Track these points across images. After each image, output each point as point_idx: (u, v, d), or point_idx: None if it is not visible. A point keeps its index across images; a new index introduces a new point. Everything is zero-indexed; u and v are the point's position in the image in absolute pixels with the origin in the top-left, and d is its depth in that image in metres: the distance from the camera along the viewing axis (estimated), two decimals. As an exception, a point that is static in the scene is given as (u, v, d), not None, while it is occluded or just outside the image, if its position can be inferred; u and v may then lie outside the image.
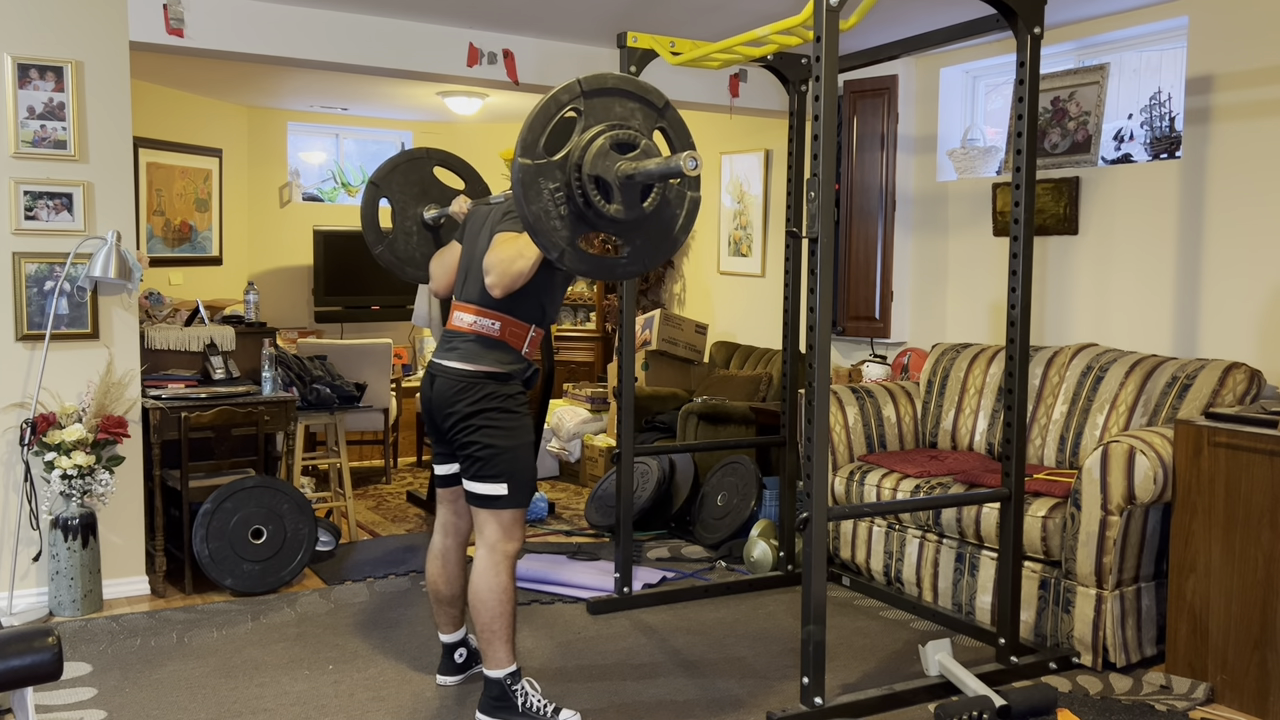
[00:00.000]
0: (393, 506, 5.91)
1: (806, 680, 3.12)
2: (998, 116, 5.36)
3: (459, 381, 3.08)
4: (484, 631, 3.08)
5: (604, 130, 2.56)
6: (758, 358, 6.31)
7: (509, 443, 3.08)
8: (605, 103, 2.60)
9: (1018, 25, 3.36)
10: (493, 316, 3.10)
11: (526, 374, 3.16)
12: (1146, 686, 3.41)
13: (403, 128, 8.29)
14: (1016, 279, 3.41)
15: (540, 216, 2.53)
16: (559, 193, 2.55)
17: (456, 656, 3.44)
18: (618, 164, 2.52)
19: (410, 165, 3.81)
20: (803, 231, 2.97)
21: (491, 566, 3.08)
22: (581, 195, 2.55)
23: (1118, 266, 4.56)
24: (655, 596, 4.24)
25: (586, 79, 2.56)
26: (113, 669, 3.52)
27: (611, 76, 2.62)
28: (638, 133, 2.60)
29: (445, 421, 3.12)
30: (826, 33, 2.91)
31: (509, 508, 3.10)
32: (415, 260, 3.79)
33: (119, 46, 4.13)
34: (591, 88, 2.57)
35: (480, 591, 3.08)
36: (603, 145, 2.53)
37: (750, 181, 6.76)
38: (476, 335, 3.11)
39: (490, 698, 3.11)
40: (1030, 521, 3.66)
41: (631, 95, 2.65)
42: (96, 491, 4.04)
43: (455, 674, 3.44)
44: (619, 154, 2.54)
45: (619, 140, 2.55)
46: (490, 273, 2.99)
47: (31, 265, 4.02)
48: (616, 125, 2.58)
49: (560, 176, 2.55)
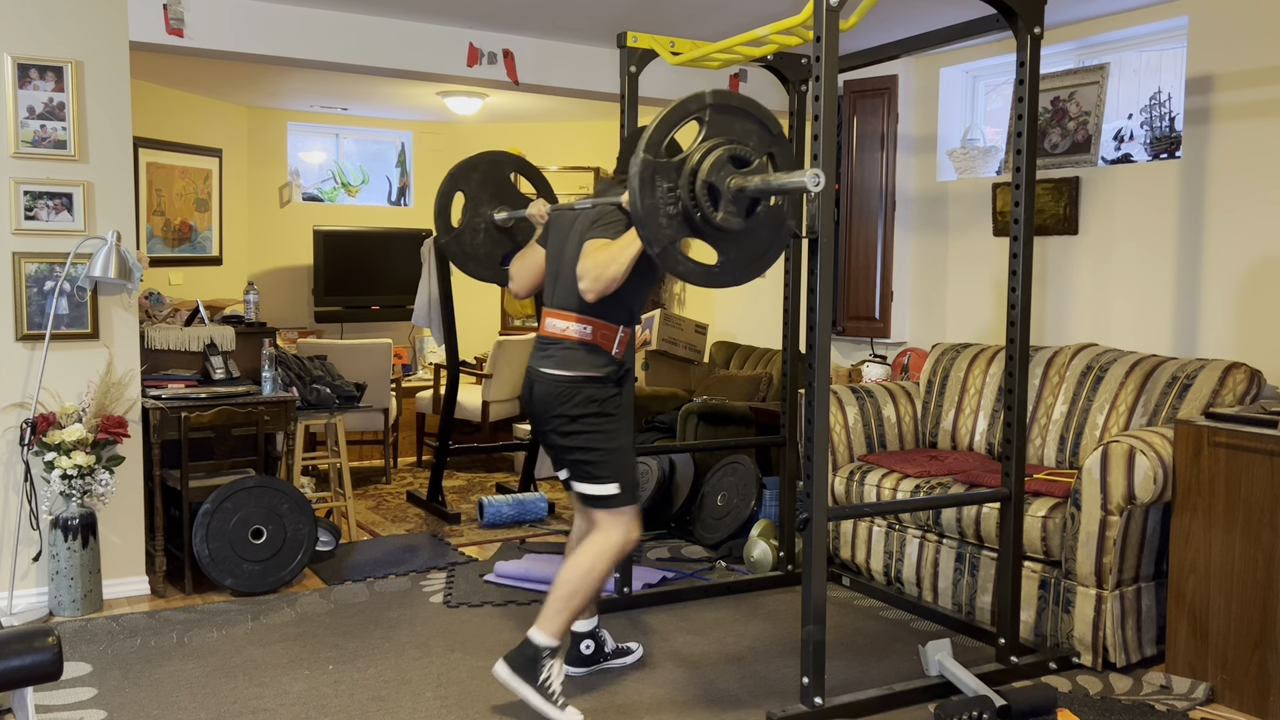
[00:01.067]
0: (393, 506, 5.91)
1: (806, 680, 3.12)
2: (998, 116, 5.37)
3: (557, 386, 3.21)
4: (557, 599, 3.18)
5: (723, 143, 2.71)
6: (758, 358, 6.31)
7: (611, 445, 3.22)
8: (727, 119, 2.77)
9: (1018, 25, 3.36)
10: (584, 321, 3.22)
11: (619, 374, 3.28)
12: (1146, 686, 3.41)
13: (403, 128, 8.29)
14: (1016, 279, 3.41)
15: (651, 211, 2.67)
16: (671, 192, 2.70)
17: (583, 648, 3.49)
18: (732, 177, 2.68)
19: (490, 166, 3.94)
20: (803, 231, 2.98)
21: (596, 549, 3.22)
22: (692, 199, 2.69)
23: (1118, 266, 4.56)
24: (655, 596, 4.24)
25: (714, 93, 2.73)
26: (113, 669, 3.52)
27: (737, 96, 2.77)
28: (753, 151, 2.75)
29: (546, 426, 3.26)
30: (826, 33, 2.91)
31: (622, 505, 3.25)
32: (479, 257, 3.93)
33: (119, 46, 4.13)
34: (718, 102, 2.75)
35: (577, 564, 3.20)
36: (720, 156, 2.68)
37: (750, 181, 6.75)
38: (570, 340, 3.23)
39: (523, 655, 3.15)
40: (1030, 521, 3.67)
41: (752, 117, 2.82)
42: (96, 491, 4.04)
43: (581, 665, 3.50)
44: (734, 167, 2.71)
45: (736, 155, 2.71)
46: (584, 278, 3.09)
47: (31, 265, 4.02)
48: (735, 141, 2.73)
49: (675, 178, 2.70)
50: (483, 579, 4.53)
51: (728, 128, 2.76)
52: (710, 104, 2.73)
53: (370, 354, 6.31)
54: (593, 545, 3.23)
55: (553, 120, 8.08)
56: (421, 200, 8.42)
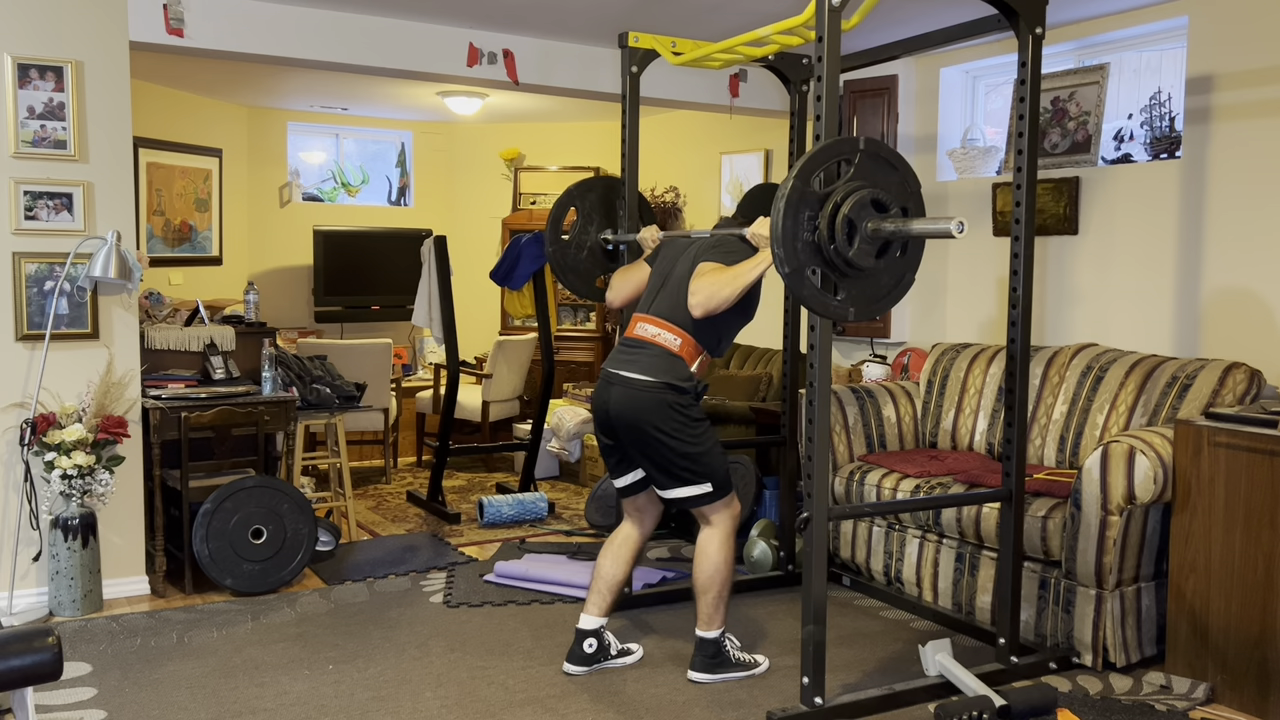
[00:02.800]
0: (393, 506, 5.91)
1: (806, 680, 3.12)
2: (998, 116, 5.37)
3: (642, 393, 3.29)
4: (704, 595, 3.38)
5: (867, 187, 2.85)
6: (758, 358, 6.31)
7: (700, 448, 3.34)
8: (874, 165, 2.90)
9: (1019, 25, 3.36)
10: (676, 333, 3.36)
11: (698, 389, 3.39)
12: (1146, 686, 3.41)
13: (403, 128, 8.29)
14: (1017, 279, 3.41)
15: (790, 233, 2.79)
16: (811, 221, 2.83)
17: (586, 646, 3.50)
18: (870, 219, 2.83)
19: (606, 190, 4.21)
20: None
21: (722, 539, 3.39)
22: (830, 232, 2.81)
23: (1118, 266, 4.56)
24: (655, 596, 4.24)
25: (868, 140, 2.90)
26: (113, 669, 3.52)
27: (886, 148, 2.94)
28: (892, 200, 2.90)
29: (629, 433, 3.32)
30: (828, 33, 2.91)
31: (718, 499, 3.38)
32: (579, 272, 4.18)
33: (119, 46, 4.13)
34: (869, 149, 2.90)
35: (704, 563, 3.38)
36: (864, 198, 2.82)
37: (750, 181, 6.76)
38: (659, 348, 3.34)
39: (705, 656, 3.41)
40: (1030, 521, 3.67)
41: (896, 170, 2.95)
42: (96, 491, 4.04)
43: (582, 665, 3.51)
44: (873, 210, 2.85)
45: (877, 199, 2.85)
46: (698, 294, 3.28)
47: (31, 265, 4.02)
48: (879, 187, 2.88)
49: (817, 209, 2.83)
50: (483, 579, 4.53)
51: (872, 174, 2.89)
52: (862, 149, 2.88)
53: (370, 354, 6.31)
54: (710, 542, 3.38)
55: (553, 120, 8.08)
56: (421, 200, 8.43)
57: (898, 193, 2.93)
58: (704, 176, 7.22)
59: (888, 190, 2.90)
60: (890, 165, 2.94)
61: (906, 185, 2.97)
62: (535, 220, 7.91)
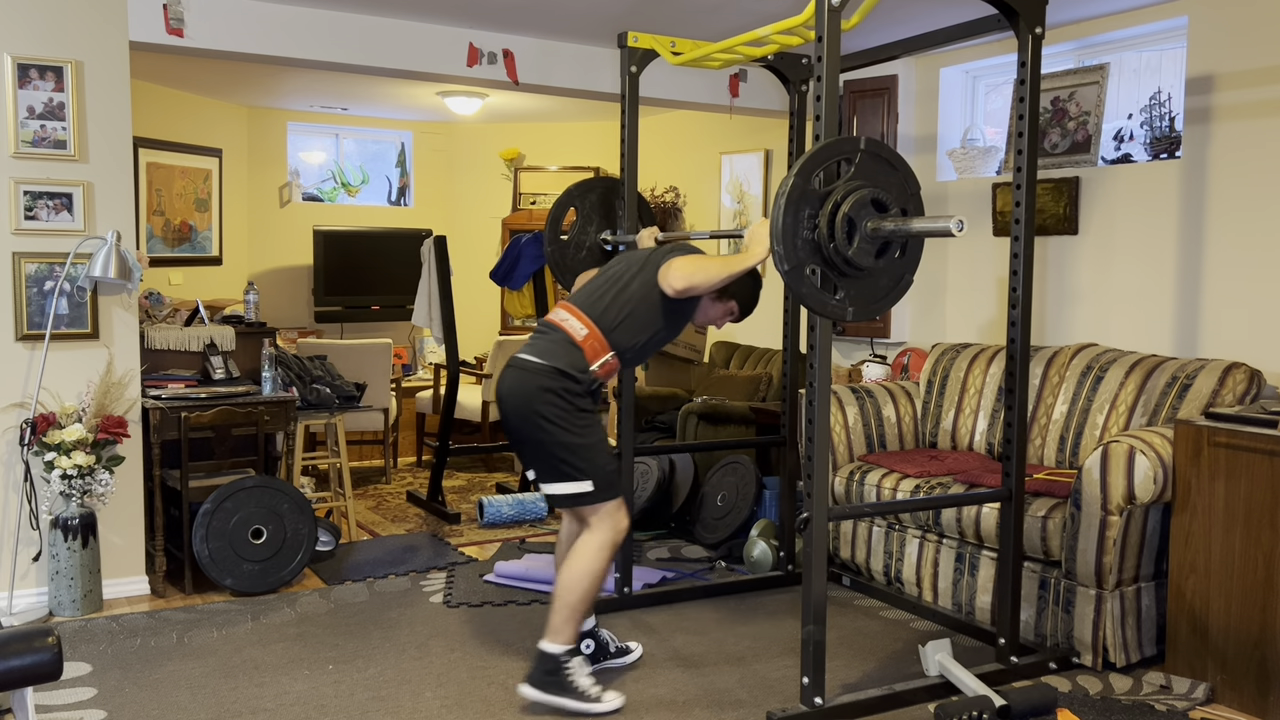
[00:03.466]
0: (393, 506, 5.91)
1: (806, 680, 3.12)
2: (997, 116, 5.37)
3: (531, 374, 3.18)
4: (560, 604, 3.20)
5: (867, 185, 2.85)
6: (757, 358, 6.31)
7: (582, 440, 3.19)
8: (874, 165, 2.90)
9: (1019, 25, 3.36)
10: (585, 324, 3.24)
11: (593, 386, 3.25)
12: (1146, 686, 3.41)
13: (402, 128, 8.29)
14: (1017, 279, 3.41)
15: (789, 229, 2.78)
16: (811, 219, 2.82)
17: (583, 648, 3.47)
18: (870, 218, 2.82)
19: (606, 191, 4.20)
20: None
21: (589, 549, 3.21)
22: (830, 230, 2.80)
23: (1118, 266, 4.56)
24: (655, 596, 4.24)
25: (869, 140, 2.89)
26: (112, 669, 3.52)
27: (887, 148, 2.93)
28: (893, 200, 2.89)
29: (516, 419, 3.20)
30: (828, 33, 2.91)
31: (602, 501, 3.22)
32: (576, 271, 4.15)
33: (119, 46, 4.13)
34: (870, 149, 2.90)
35: (573, 567, 3.20)
36: (864, 196, 2.82)
37: (750, 181, 6.76)
38: (562, 333, 3.24)
39: (543, 670, 3.20)
40: (1030, 521, 3.67)
41: (897, 170, 2.95)
42: (96, 491, 4.04)
43: None
44: (874, 210, 2.84)
45: (878, 199, 2.85)
46: (681, 269, 3.20)
47: (31, 265, 4.02)
48: (879, 187, 2.88)
49: (817, 207, 2.82)
50: (483, 579, 4.53)
51: (873, 174, 2.89)
52: (863, 149, 2.88)
53: (370, 354, 6.31)
54: (585, 547, 3.23)
55: (553, 120, 8.08)
56: (421, 200, 8.43)
57: (898, 193, 2.94)
58: (704, 177, 7.22)
59: (888, 190, 2.90)
60: (890, 165, 2.94)
61: (906, 186, 2.98)
62: (535, 220, 7.91)
